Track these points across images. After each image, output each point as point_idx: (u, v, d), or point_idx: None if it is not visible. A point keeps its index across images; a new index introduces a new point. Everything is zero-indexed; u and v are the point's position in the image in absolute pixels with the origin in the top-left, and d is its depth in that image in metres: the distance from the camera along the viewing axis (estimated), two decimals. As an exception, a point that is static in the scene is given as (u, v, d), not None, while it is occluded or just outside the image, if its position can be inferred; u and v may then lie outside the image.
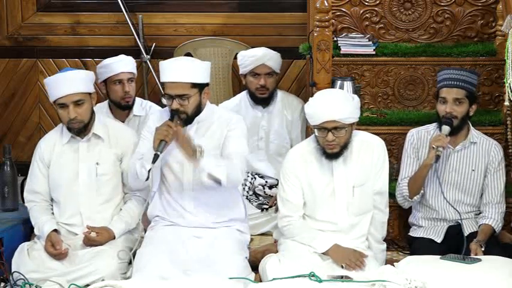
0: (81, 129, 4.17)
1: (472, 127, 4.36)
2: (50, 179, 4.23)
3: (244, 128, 4.16)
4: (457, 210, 4.21)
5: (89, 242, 4.07)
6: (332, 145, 3.93)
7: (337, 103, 3.90)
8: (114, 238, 4.12)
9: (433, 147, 4.15)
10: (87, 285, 3.91)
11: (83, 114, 4.13)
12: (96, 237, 4.08)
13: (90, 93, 4.18)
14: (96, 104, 4.36)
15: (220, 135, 4.08)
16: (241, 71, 5.22)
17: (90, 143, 4.22)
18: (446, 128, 4.20)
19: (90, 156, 4.20)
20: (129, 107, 4.94)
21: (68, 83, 4.09)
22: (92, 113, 4.21)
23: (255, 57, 5.12)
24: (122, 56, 4.99)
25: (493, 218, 4.23)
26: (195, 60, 4.13)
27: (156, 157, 3.89)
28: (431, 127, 4.37)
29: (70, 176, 4.19)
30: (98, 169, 4.19)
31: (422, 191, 4.29)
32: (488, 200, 4.29)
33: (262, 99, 5.17)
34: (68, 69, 4.29)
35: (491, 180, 4.30)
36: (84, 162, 4.19)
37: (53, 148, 4.24)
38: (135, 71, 4.99)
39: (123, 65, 4.89)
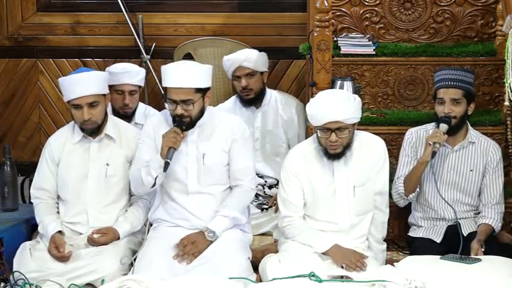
0: (94, 131, 4.17)
1: (470, 127, 4.36)
2: (58, 177, 4.22)
3: (247, 132, 4.18)
4: (453, 208, 4.22)
5: (93, 244, 4.07)
6: (335, 146, 3.93)
7: (341, 104, 3.90)
8: (119, 238, 4.12)
9: (430, 144, 4.16)
10: (88, 284, 3.91)
11: (97, 115, 4.13)
12: (101, 238, 4.07)
13: (104, 95, 4.18)
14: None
15: (225, 141, 4.09)
16: (228, 76, 5.23)
17: (102, 144, 4.22)
18: (444, 126, 4.20)
19: (101, 157, 4.20)
20: (126, 117, 4.94)
21: (82, 84, 4.08)
22: (106, 114, 4.21)
23: (231, 61, 5.13)
24: (130, 67, 4.93)
25: (492, 217, 4.23)
26: (198, 65, 4.13)
27: (167, 165, 3.90)
28: (430, 126, 4.37)
29: (79, 175, 4.19)
30: (107, 170, 4.19)
31: (418, 190, 4.30)
32: (487, 200, 4.29)
33: (250, 100, 5.17)
34: (83, 70, 4.27)
35: (490, 180, 4.30)
36: (94, 163, 4.19)
37: (63, 146, 4.23)
38: (141, 83, 4.95)
39: (128, 76, 4.86)
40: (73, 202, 4.19)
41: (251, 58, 5.12)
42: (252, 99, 5.17)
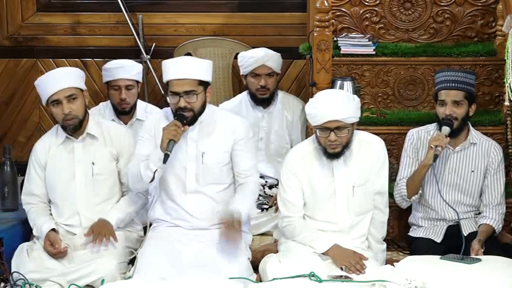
0: (76, 127, 4.15)
1: (472, 128, 4.35)
2: (46, 181, 4.23)
3: (250, 133, 4.18)
4: (454, 210, 4.21)
5: (95, 241, 4.03)
6: (334, 145, 3.93)
7: (340, 103, 3.91)
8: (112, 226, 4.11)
9: (432, 147, 4.15)
10: (87, 285, 3.91)
11: (76, 109, 4.12)
12: (97, 235, 4.03)
13: (82, 90, 4.17)
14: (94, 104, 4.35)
15: (226, 139, 4.08)
16: (242, 71, 5.22)
17: (85, 143, 4.21)
18: (446, 129, 4.19)
19: (86, 156, 4.20)
20: (126, 113, 4.95)
21: (59, 78, 4.10)
22: (86, 110, 4.21)
23: (255, 58, 5.12)
24: (125, 62, 4.98)
25: (493, 218, 4.22)
26: (199, 59, 4.15)
27: (166, 157, 3.88)
28: (431, 127, 4.37)
29: (66, 177, 4.19)
30: (94, 169, 4.19)
31: (420, 192, 4.29)
32: (488, 201, 4.29)
33: (263, 100, 5.18)
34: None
35: (491, 181, 4.29)
36: (80, 163, 4.19)
37: (48, 150, 4.23)
38: (137, 77, 4.98)
39: (123, 71, 4.90)
40: (64, 204, 4.20)
41: (274, 58, 5.14)
42: (266, 99, 5.18)
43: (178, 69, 3.96)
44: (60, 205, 4.20)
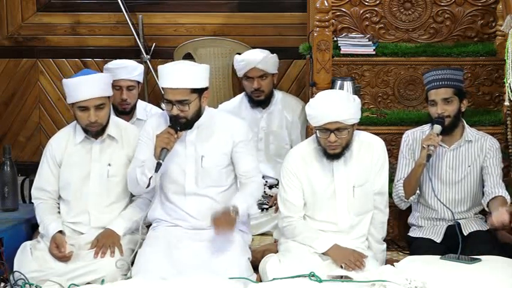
0: (99, 133, 4.16)
1: (467, 125, 4.34)
2: (60, 178, 4.22)
3: (250, 134, 4.17)
4: (448, 208, 4.19)
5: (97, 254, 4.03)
6: (334, 146, 3.93)
7: (340, 104, 3.90)
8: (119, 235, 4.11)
9: (424, 147, 4.15)
10: (88, 283, 3.90)
11: (102, 117, 4.13)
12: (101, 247, 4.04)
13: (109, 97, 4.18)
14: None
15: (225, 142, 4.07)
16: (238, 74, 5.25)
17: (104, 144, 4.21)
18: (437, 127, 4.19)
19: (103, 157, 4.19)
20: (126, 113, 4.95)
21: (91, 86, 4.08)
22: (109, 115, 4.21)
23: (245, 62, 5.13)
24: (127, 63, 4.97)
25: (501, 192, 4.13)
26: (195, 65, 4.12)
27: (158, 166, 3.89)
28: (426, 127, 4.36)
29: (81, 176, 4.18)
30: (109, 170, 4.19)
31: (418, 192, 4.29)
32: (490, 181, 4.20)
33: (259, 102, 5.18)
34: (89, 72, 4.26)
35: (489, 165, 4.23)
36: (96, 163, 4.19)
37: (65, 147, 4.22)
38: (139, 78, 4.98)
39: (125, 72, 4.89)
40: (75, 202, 4.19)
41: (265, 60, 5.12)
42: (262, 101, 5.18)
43: (171, 77, 3.94)
44: (71, 203, 4.20)
